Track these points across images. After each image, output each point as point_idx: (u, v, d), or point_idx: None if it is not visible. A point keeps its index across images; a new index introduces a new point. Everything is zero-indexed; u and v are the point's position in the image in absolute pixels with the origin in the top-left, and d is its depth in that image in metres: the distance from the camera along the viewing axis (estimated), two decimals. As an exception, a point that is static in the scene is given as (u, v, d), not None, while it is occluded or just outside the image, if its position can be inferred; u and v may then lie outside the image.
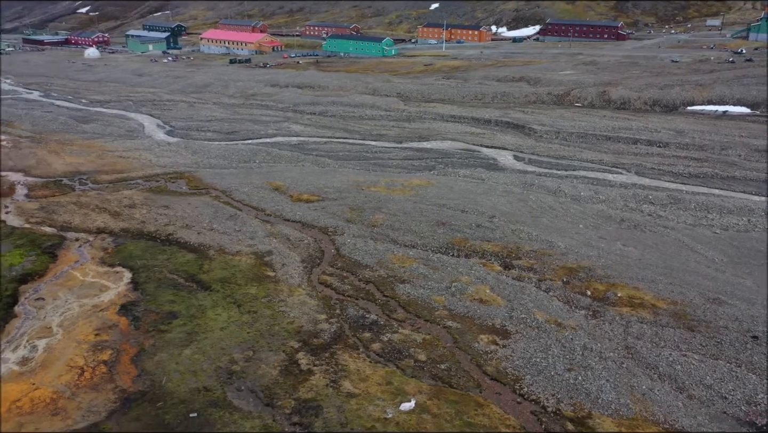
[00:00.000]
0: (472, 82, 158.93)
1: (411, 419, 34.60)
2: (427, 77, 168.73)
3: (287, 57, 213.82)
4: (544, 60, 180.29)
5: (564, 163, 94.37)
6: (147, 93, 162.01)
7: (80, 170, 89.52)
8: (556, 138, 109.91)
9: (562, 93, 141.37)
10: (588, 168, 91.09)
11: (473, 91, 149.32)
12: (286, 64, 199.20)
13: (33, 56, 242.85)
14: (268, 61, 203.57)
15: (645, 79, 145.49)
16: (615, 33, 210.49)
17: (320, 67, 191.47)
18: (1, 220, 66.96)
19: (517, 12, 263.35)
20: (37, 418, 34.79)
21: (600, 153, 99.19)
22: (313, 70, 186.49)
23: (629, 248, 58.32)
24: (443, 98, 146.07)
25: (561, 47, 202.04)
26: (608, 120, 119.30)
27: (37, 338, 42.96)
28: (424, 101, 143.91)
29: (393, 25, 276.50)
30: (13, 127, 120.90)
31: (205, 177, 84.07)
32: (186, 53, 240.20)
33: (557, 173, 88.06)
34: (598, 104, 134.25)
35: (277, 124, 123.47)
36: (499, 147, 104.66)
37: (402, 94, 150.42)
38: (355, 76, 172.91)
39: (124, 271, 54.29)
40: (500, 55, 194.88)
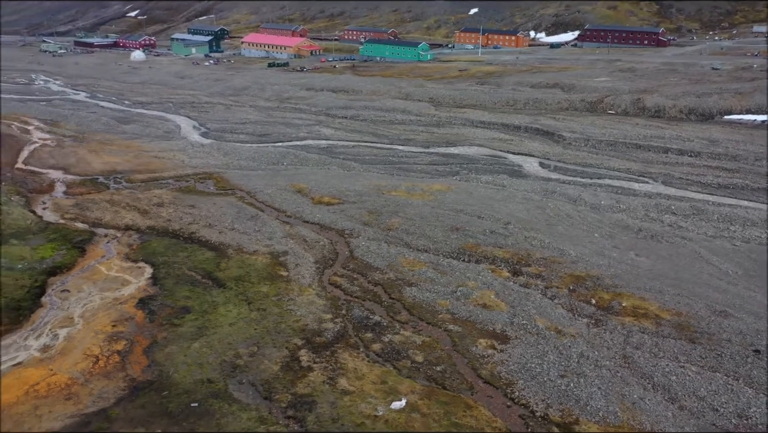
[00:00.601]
0: (505, 87, 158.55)
1: (400, 417, 35.75)
2: (460, 82, 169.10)
3: (324, 61, 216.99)
4: (580, 66, 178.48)
5: (590, 171, 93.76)
6: (187, 95, 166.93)
7: (116, 169, 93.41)
8: (584, 145, 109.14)
9: (595, 100, 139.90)
10: (614, 176, 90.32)
11: (505, 97, 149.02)
12: (322, 68, 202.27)
13: (83, 58, 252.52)
14: (306, 65, 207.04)
15: (682, 86, 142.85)
16: (655, 39, 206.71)
17: (356, 72, 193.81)
18: (38, 215, 70.73)
19: (556, 17, 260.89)
20: (51, 402, 37.22)
21: (628, 161, 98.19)
22: (349, 75, 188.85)
23: (642, 258, 58.09)
24: (475, 104, 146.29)
25: (599, 53, 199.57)
26: (640, 128, 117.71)
27: (59, 327, 45.69)
28: (455, 106, 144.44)
29: (431, 30, 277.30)
30: (59, 127, 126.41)
31: (233, 178, 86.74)
32: (227, 56, 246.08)
33: (581, 181, 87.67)
34: (632, 112, 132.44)
35: (309, 128, 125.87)
36: (526, 154, 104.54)
37: (434, 99, 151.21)
38: (389, 81, 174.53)
39: (146, 267, 56.93)
40: (536, 60, 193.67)
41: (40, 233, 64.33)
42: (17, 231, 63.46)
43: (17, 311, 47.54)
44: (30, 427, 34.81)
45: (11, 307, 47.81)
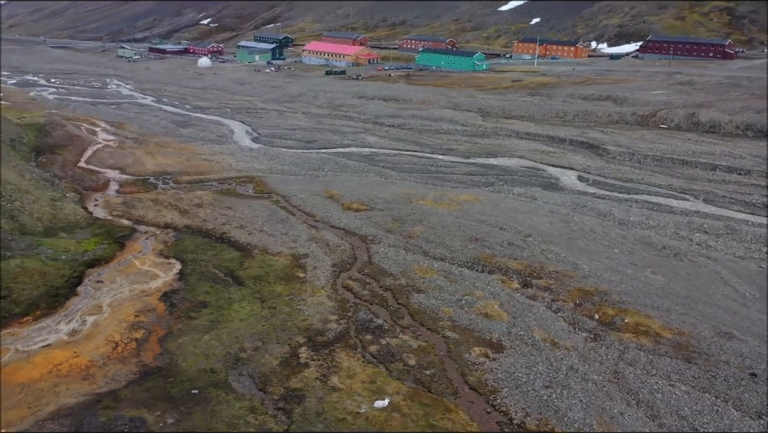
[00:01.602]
0: (556, 99, 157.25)
1: (381, 415, 37.58)
2: (511, 93, 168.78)
3: (381, 69, 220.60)
4: (637, 78, 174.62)
5: (629, 186, 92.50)
6: (244, 101, 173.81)
7: (167, 170, 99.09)
8: (629, 160, 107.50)
9: (647, 114, 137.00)
10: (653, 192, 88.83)
11: (555, 108, 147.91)
12: (377, 77, 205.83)
13: (154, 64, 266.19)
14: (361, 73, 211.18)
15: (743, 101, 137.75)
16: (721, 51, 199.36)
17: (410, 81, 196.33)
18: (89, 211, 76.42)
19: (620, 28, 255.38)
20: (70, 380, 41.07)
21: (671, 177, 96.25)
22: (402, 84, 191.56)
23: (657, 276, 57.57)
24: (523, 115, 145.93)
25: (659, 65, 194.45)
26: (691, 144, 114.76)
27: (88, 315, 49.91)
28: (503, 117, 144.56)
29: (491, 40, 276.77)
30: (123, 129, 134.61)
31: (272, 182, 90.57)
32: (288, 64, 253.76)
33: (617, 196, 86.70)
34: (685, 127, 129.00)
35: (354, 135, 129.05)
36: (566, 167, 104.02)
37: (482, 110, 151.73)
38: (440, 90, 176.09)
39: (176, 263, 60.93)
40: (592, 72, 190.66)
41: (87, 227, 69.66)
42: (67, 225, 68.99)
43: (54, 297, 52.15)
44: (48, 401, 38.63)
45: (50, 294, 52.48)
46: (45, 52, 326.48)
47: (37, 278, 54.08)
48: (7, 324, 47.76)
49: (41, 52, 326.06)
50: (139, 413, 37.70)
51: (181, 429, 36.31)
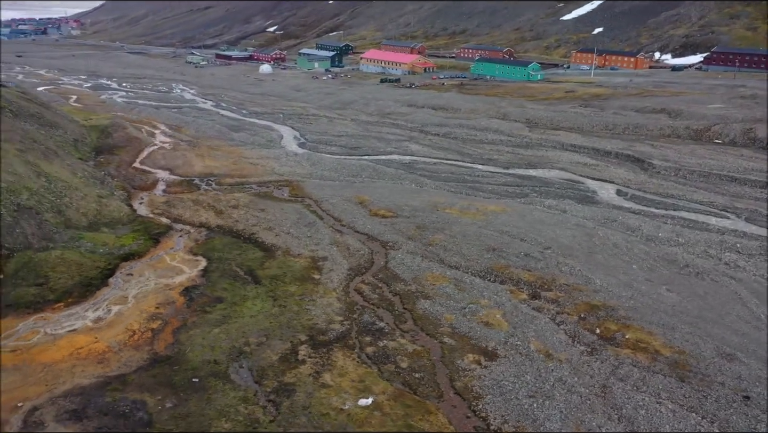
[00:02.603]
0: (607, 111, 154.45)
1: (362, 413, 39.24)
2: (563, 104, 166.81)
3: (435, 78, 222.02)
4: (696, 91, 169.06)
5: (668, 201, 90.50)
6: (298, 107, 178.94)
7: (213, 172, 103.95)
8: (673, 175, 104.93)
9: (701, 128, 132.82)
10: (692, 209, 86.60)
11: (605, 120, 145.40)
12: (431, 85, 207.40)
13: (219, 70, 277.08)
14: (415, 82, 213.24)
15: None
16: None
17: (462, 90, 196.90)
18: (133, 209, 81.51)
19: (686, 38, 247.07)
20: (87, 363, 44.73)
21: (715, 194, 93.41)
22: (454, 93, 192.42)
23: (671, 294, 56.67)
24: (571, 126, 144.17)
25: (723, 78, 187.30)
26: (743, 160, 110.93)
27: (113, 304, 53.86)
28: (550, 128, 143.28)
29: (550, 49, 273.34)
30: (180, 132, 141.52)
31: (308, 187, 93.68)
32: (346, 71, 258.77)
33: (652, 212, 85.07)
34: (741, 142, 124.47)
35: (398, 143, 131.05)
36: (606, 180, 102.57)
37: (530, 120, 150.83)
38: (490, 100, 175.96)
39: (203, 260, 64.51)
40: (651, 84, 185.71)
41: (128, 223, 74.44)
42: (110, 221, 73.98)
43: (87, 287, 56.47)
44: (64, 380, 42.32)
45: (83, 284, 56.86)
46: (121, 57, 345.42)
47: (74, 268, 58.63)
48: (41, 309, 52.25)
49: (118, 57, 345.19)
50: (141, 396, 40.81)
51: (177, 413, 39.12)
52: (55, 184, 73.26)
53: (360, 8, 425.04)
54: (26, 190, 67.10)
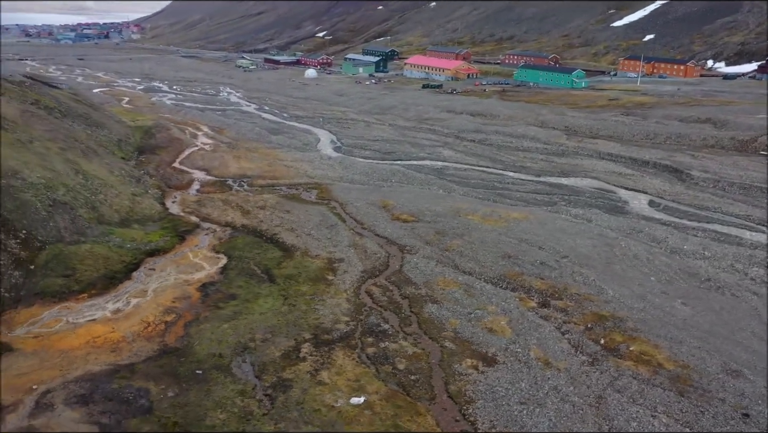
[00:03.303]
0: (650, 120, 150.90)
1: (353, 411, 40.14)
2: (604, 112, 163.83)
3: (478, 84, 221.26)
4: (746, 101, 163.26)
5: (702, 214, 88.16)
6: (338, 111, 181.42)
7: (246, 174, 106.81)
8: (712, 187, 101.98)
9: (747, 139, 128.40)
10: (726, 222, 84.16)
11: (646, 130, 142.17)
12: (472, 92, 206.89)
13: (266, 74, 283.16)
14: (457, 88, 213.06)
15: None
16: None
17: (503, 96, 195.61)
18: (165, 207, 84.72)
19: (742, 45, 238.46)
20: (101, 351, 47.13)
21: (754, 207, 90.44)
22: (495, 99, 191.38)
23: (685, 307, 55.47)
24: (611, 135, 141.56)
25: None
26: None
27: (133, 297, 56.41)
28: (588, 137, 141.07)
29: (598, 56, 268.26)
30: (221, 134, 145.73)
31: (335, 190, 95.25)
32: (389, 77, 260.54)
33: (683, 224, 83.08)
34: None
35: (432, 149, 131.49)
36: (640, 190, 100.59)
37: (569, 128, 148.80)
38: (530, 107, 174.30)
39: (223, 258, 66.68)
40: (699, 93, 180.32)
41: (158, 221, 77.52)
42: (141, 218, 77.21)
43: (111, 280, 59.27)
44: (77, 367, 44.75)
45: (108, 276, 59.70)
46: (175, 61, 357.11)
47: (101, 261, 61.60)
48: (66, 299, 55.20)
49: (172, 61, 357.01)
50: (146, 384, 42.80)
51: (176, 402, 40.90)
52: (91, 182, 76.97)
53: (409, 14, 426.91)
54: (63, 187, 70.80)
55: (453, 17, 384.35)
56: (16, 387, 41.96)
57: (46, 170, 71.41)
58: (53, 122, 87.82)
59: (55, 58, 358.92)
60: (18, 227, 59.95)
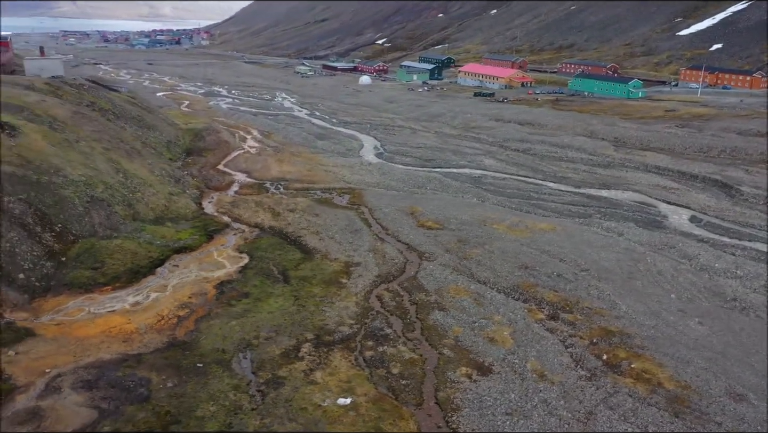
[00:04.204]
0: (705, 132, 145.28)
1: (338, 411, 40.96)
2: (658, 124, 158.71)
3: (531, 93, 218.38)
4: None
5: (745, 231, 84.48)
6: (386, 118, 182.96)
7: (285, 177, 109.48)
8: (760, 203, 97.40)
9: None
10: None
11: (700, 143, 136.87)
12: (524, 100, 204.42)
13: (323, 80, 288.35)
14: (509, 96, 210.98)
15: None
16: None
17: (555, 106, 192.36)
18: (200, 207, 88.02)
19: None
20: (114, 341, 49.75)
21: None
22: (546, 108, 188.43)
23: (702, 327, 53.47)
24: (662, 147, 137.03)
25: None
26: None
27: (153, 291, 59.11)
28: (638, 148, 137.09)
29: (660, 66, 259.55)
30: (269, 138, 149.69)
31: (367, 195, 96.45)
32: (443, 84, 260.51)
33: (723, 241, 79.83)
34: None
35: (473, 157, 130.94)
36: (682, 205, 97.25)
37: (618, 140, 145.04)
38: (581, 117, 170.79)
39: (245, 257, 68.83)
40: (763, 105, 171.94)
41: (191, 220, 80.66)
42: (175, 216, 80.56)
43: (135, 274, 62.31)
44: (89, 354, 47.44)
45: (133, 271, 62.78)
46: (238, 67, 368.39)
47: (128, 256, 64.82)
48: (91, 290, 58.46)
49: (235, 67, 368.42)
50: (149, 374, 44.96)
51: (173, 393, 42.81)
52: (131, 180, 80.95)
53: (468, 21, 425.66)
54: (102, 184, 74.84)
55: (513, 25, 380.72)
56: (32, 369, 44.92)
57: (88, 168, 75.70)
58: (102, 123, 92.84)
59: (127, 63, 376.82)
60: (54, 220, 63.94)
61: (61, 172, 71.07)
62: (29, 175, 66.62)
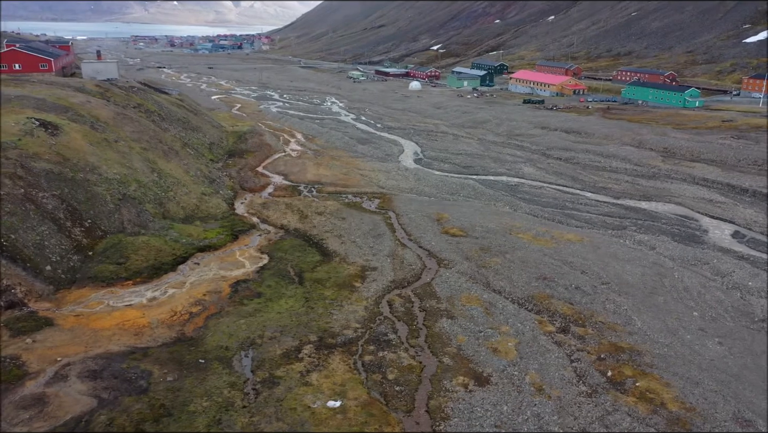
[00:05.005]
0: (762, 144, 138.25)
1: (325, 413, 41.16)
2: (712, 134, 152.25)
3: (583, 101, 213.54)
4: None
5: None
6: (430, 124, 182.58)
7: (320, 180, 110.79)
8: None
9: None
10: (817, 261, 75.97)
11: (756, 155, 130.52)
12: (574, 108, 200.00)
13: (374, 85, 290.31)
14: (559, 104, 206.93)
15: None
16: None
17: (606, 114, 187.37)
18: (232, 207, 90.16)
19: None
20: (125, 334, 51.54)
21: None
22: (595, 117, 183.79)
23: (720, 347, 50.97)
24: (713, 159, 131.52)
25: None
26: None
27: (171, 288, 60.93)
28: (687, 160, 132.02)
29: (723, 75, 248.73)
30: (312, 142, 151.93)
31: (397, 200, 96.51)
32: (493, 90, 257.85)
33: (764, 258, 75.99)
34: None
35: (513, 165, 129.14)
36: (726, 220, 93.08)
37: (667, 150, 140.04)
38: (631, 126, 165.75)
39: (266, 258, 70.06)
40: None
41: (220, 219, 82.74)
42: (205, 216, 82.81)
43: (157, 270, 64.38)
44: (100, 345, 49.34)
45: (155, 267, 64.89)
46: (293, 71, 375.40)
47: (153, 253, 67.05)
48: (113, 284, 60.77)
49: (290, 71, 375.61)
50: (152, 367, 46.37)
51: (171, 387, 44.01)
52: (164, 180, 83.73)
53: (525, 27, 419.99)
54: (135, 183, 77.74)
55: (570, 32, 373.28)
56: (44, 357, 47.08)
57: (123, 167, 78.78)
58: (143, 124, 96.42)
59: (188, 67, 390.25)
60: (85, 216, 66.85)
61: (96, 170, 74.26)
62: (65, 172, 69.92)
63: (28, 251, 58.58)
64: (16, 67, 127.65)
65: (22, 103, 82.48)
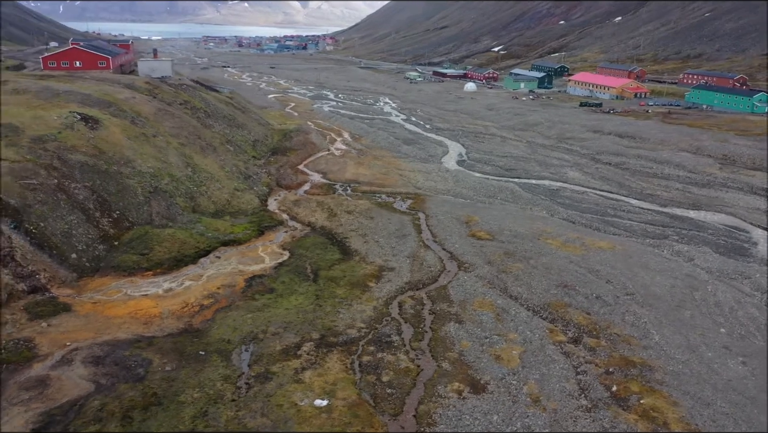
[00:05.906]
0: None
1: (311, 412, 40.90)
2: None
3: (643, 104, 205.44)
4: None
5: None
6: (480, 125, 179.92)
7: (357, 180, 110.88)
8: None
9: None
10: None
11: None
12: (632, 112, 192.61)
13: (429, 86, 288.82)
14: (616, 107, 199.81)
15: None
16: None
17: (665, 119, 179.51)
18: (264, 203, 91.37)
19: None
20: (135, 322, 52.92)
21: None
22: (654, 121, 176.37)
23: (743, 367, 47.59)
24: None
25: None
26: None
27: (188, 280, 62.17)
28: (747, 168, 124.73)
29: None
30: (357, 141, 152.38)
31: (430, 202, 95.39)
32: (550, 93, 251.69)
33: (815, 275, 70.86)
34: None
35: (558, 169, 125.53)
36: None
37: (726, 157, 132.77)
38: (690, 131, 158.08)
39: (286, 254, 70.55)
40: None
41: (250, 215, 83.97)
42: (236, 211, 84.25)
43: (178, 262, 65.88)
44: (110, 333, 50.83)
45: (176, 259, 66.43)
46: (351, 72, 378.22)
47: (176, 245, 68.68)
48: (134, 274, 62.58)
49: (348, 71, 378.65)
50: (153, 356, 47.39)
51: (167, 376, 44.82)
52: (198, 175, 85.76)
53: (589, 29, 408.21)
54: (168, 177, 79.94)
55: (637, 33, 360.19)
56: (55, 341, 48.90)
57: (158, 161, 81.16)
58: (184, 120, 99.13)
59: (251, 66, 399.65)
60: (114, 207, 69.19)
61: (130, 163, 76.79)
62: (99, 164, 72.62)
63: (56, 239, 61.08)
64: (77, 65, 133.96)
65: (68, 98, 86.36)
